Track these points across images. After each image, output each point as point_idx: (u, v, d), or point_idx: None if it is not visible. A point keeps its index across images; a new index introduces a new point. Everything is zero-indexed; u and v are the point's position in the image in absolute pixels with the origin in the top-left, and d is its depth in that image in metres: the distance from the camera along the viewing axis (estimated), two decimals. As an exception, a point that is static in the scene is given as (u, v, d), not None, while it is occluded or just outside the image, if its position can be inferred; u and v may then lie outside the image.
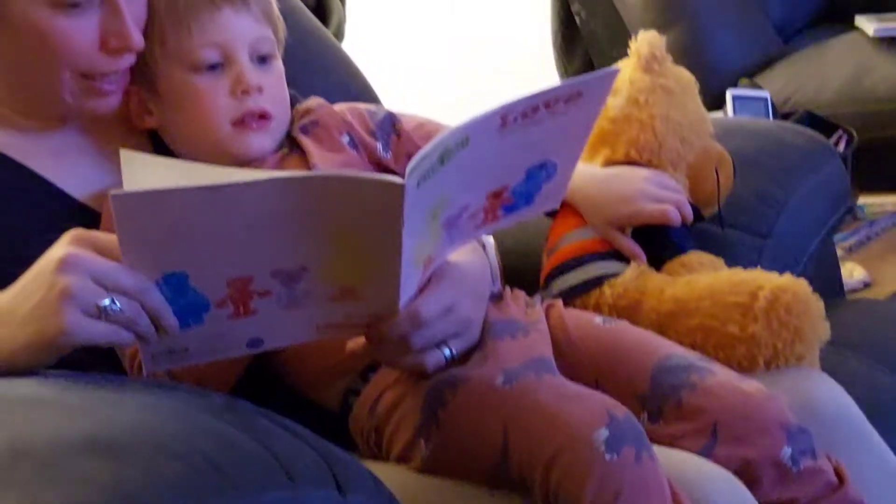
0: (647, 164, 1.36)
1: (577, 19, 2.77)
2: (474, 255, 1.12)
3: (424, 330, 1.00)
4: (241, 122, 1.15)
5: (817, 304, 1.20)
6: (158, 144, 1.20)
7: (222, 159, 1.14)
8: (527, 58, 3.25)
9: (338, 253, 0.90)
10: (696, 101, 1.42)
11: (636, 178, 1.31)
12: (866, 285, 2.00)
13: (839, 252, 2.08)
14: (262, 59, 1.17)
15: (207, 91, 1.14)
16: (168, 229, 0.85)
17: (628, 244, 1.29)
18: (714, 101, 2.28)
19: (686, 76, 1.43)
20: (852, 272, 2.00)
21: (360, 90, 1.69)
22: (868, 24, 2.64)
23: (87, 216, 1.12)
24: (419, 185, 0.86)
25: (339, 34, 2.88)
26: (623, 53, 1.45)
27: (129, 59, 1.12)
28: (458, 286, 1.04)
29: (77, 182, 1.15)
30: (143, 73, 1.16)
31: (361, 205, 0.87)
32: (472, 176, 0.95)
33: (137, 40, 1.10)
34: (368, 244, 0.90)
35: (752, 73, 2.62)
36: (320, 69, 1.59)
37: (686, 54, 2.50)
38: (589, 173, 1.32)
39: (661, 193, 1.30)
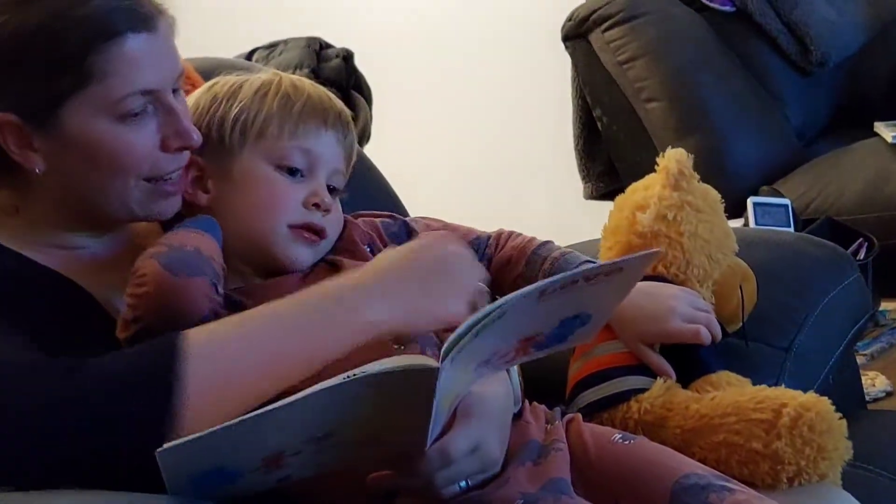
0: (674, 280, 1.38)
1: (599, 124, 2.80)
2: (498, 384, 1.13)
3: (450, 469, 1.01)
4: (297, 229, 1.19)
5: (840, 423, 1.21)
6: None
7: (263, 258, 1.18)
8: (549, 161, 3.28)
9: (369, 420, 0.93)
10: (723, 219, 1.45)
11: (667, 296, 1.32)
12: (888, 394, 1.99)
13: (861, 360, 2.08)
14: (331, 190, 1.23)
15: (284, 189, 1.20)
16: (210, 460, 0.89)
17: (657, 361, 1.30)
18: (734, 208, 2.29)
19: (713, 194, 1.45)
20: (874, 381, 2.00)
21: (379, 193, 1.74)
22: (886, 131, 2.66)
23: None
24: (454, 359, 0.90)
25: (366, 134, 2.93)
26: (644, 158, 1.47)
27: (187, 156, 1.17)
28: (485, 422, 1.06)
29: (79, 269, 1.17)
30: (215, 154, 1.20)
31: (395, 387, 0.90)
32: (506, 334, 0.98)
33: (197, 138, 1.16)
34: (400, 410, 0.93)
35: (772, 178, 2.62)
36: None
37: (706, 161, 2.51)
38: None
39: (692, 313, 1.30)
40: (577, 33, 2.79)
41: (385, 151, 2.45)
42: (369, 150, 2.74)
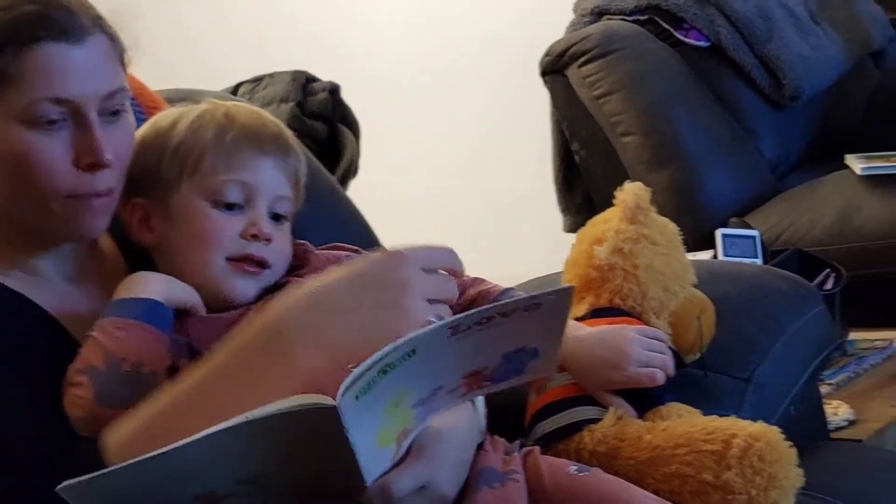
0: (631, 312, 1.40)
1: (577, 157, 2.85)
2: (461, 418, 1.13)
3: None
4: (236, 261, 1.18)
5: (790, 452, 1.23)
6: None
7: (208, 293, 1.18)
8: (535, 194, 3.32)
9: (290, 461, 0.92)
10: (680, 251, 1.47)
11: (623, 341, 1.31)
12: (850, 423, 2.02)
13: (827, 389, 2.11)
14: (277, 217, 1.22)
15: (219, 223, 1.18)
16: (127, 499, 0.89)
17: (616, 402, 1.31)
18: (706, 240, 2.34)
19: (670, 227, 1.47)
20: (837, 410, 2.03)
21: (350, 223, 1.73)
22: (856, 163, 2.72)
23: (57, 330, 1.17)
24: (359, 397, 0.88)
25: (353, 169, 2.94)
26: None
27: (105, 178, 1.15)
28: (438, 460, 1.06)
29: (51, 299, 1.18)
30: (157, 191, 1.20)
31: (302, 426, 0.89)
32: (431, 371, 0.95)
33: (109, 157, 1.13)
34: (320, 451, 0.92)
35: (746, 211, 2.67)
36: (321, 208, 1.60)
37: (680, 193, 2.58)
38: (576, 339, 1.31)
39: (647, 356, 1.30)
40: (554, 68, 2.84)
41: (373, 184, 2.49)
42: (357, 184, 2.78)
